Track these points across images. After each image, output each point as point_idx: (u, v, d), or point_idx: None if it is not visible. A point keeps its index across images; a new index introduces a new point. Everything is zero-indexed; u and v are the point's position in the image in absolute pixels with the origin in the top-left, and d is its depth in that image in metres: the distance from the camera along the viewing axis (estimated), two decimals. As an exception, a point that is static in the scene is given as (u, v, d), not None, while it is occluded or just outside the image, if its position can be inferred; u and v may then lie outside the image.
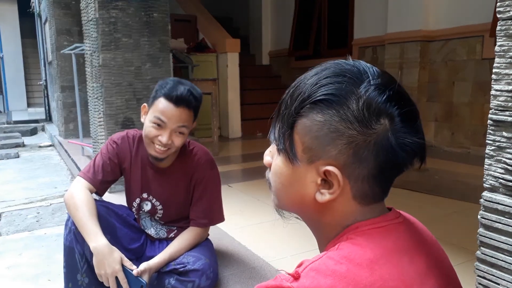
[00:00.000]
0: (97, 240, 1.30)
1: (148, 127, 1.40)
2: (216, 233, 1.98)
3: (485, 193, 0.72)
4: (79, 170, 3.71)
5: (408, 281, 0.51)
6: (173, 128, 1.38)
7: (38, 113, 10.41)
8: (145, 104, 1.47)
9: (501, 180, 0.69)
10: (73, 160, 4.34)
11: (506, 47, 0.67)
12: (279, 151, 0.58)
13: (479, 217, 0.73)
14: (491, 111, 0.70)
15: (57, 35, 5.74)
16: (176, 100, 1.36)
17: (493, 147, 0.70)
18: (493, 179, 0.70)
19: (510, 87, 0.67)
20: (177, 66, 4.38)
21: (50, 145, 6.40)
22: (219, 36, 5.54)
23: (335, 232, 0.56)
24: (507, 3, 0.67)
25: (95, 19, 2.69)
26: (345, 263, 0.49)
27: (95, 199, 1.45)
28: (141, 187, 1.56)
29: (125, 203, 1.67)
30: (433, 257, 0.58)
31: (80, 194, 1.41)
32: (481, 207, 0.72)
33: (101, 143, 2.87)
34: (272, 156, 0.61)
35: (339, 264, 0.49)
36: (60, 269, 2.03)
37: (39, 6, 8.25)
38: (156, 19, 2.82)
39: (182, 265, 1.37)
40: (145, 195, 1.57)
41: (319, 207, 0.56)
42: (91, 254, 1.33)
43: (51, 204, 3.26)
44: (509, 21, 0.67)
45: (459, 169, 3.50)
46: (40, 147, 6.35)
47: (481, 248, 0.73)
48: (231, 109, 5.47)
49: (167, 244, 1.53)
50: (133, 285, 1.28)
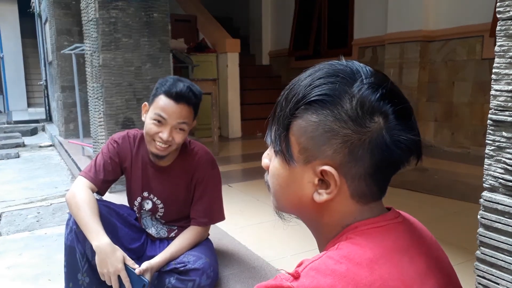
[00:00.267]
0: (99, 239, 1.31)
1: (148, 124, 1.42)
2: (216, 233, 1.98)
3: (485, 193, 0.72)
4: (80, 170, 3.71)
5: (408, 281, 0.51)
6: (173, 124, 1.39)
7: (38, 113, 10.42)
8: (145, 103, 1.49)
9: (501, 180, 0.69)
10: (73, 160, 4.34)
11: (506, 47, 0.67)
12: (276, 153, 0.58)
13: (479, 217, 0.73)
14: (491, 111, 0.70)
15: (57, 35, 5.74)
16: (176, 96, 1.38)
17: (493, 147, 0.70)
18: (493, 179, 0.70)
19: (510, 87, 0.67)
20: (177, 66, 4.38)
21: (50, 145, 6.41)
22: (219, 36, 5.54)
23: (335, 232, 0.56)
24: (507, 3, 0.67)
25: (95, 19, 2.69)
26: (345, 263, 0.49)
27: (96, 199, 1.46)
28: (142, 186, 1.56)
29: (125, 203, 1.68)
30: (433, 257, 0.58)
31: (82, 193, 1.42)
32: (481, 207, 0.73)
33: (101, 143, 2.87)
34: (270, 158, 0.61)
35: (339, 263, 0.49)
36: (60, 269, 2.03)
37: (39, 6, 8.25)
38: (156, 19, 2.82)
39: (182, 264, 1.38)
40: (146, 194, 1.57)
41: (317, 207, 0.56)
42: (92, 253, 1.33)
43: (51, 204, 3.26)
44: (509, 21, 0.67)
45: (459, 169, 3.50)
46: (40, 147, 6.35)
47: (481, 248, 0.73)
48: (231, 109, 5.48)
49: (168, 243, 1.53)
50: (136, 284, 1.28)
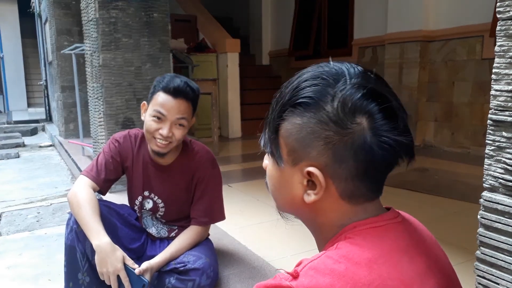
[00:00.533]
0: (100, 238, 1.31)
1: (148, 122, 1.42)
2: (216, 233, 1.98)
3: (485, 193, 0.72)
4: (80, 170, 3.72)
5: (407, 281, 0.51)
6: (172, 120, 1.40)
7: (38, 113, 10.42)
8: (144, 102, 1.50)
9: (501, 180, 0.69)
10: (73, 160, 4.34)
11: (506, 47, 0.67)
12: (268, 154, 0.60)
13: (479, 217, 0.73)
14: (491, 111, 0.70)
15: (57, 35, 5.74)
16: (174, 91, 1.40)
17: (493, 147, 0.70)
18: (493, 179, 0.70)
19: (510, 87, 0.67)
20: (177, 66, 4.38)
21: (50, 145, 6.41)
22: (219, 36, 5.54)
23: (332, 232, 0.56)
24: (507, 3, 0.67)
25: (95, 19, 2.69)
26: (344, 262, 0.49)
27: (98, 199, 1.46)
28: (143, 185, 1.57)
29: (125, 203, 1.68)
30: (432, 256, 0.58)
31: (83, 192, 1.42)
32: (481, 207, 0.73)
33: (101, 143, 2.87)
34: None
35: (338, 263, 0.49)
36: (60, 269, 2.03)
37: (39, 6, 8.25)
38: (156, 19, 2.82)
39: (182, 264, 1.38)
40: (147, 193, 1.58)
41: (310, 207, 0.57)
42: (93, 253, 1.33)
43: (51, 204, 3.26)
44: (509, 21, 0.67)
45: (459, 169, 3.50)
46: (40, 147, 6.35)
47: (481, 248, 0.73)
48: (231, 109, 5.48)
49: (168, 243, 1.53)
50: (135, 284, 1.28)
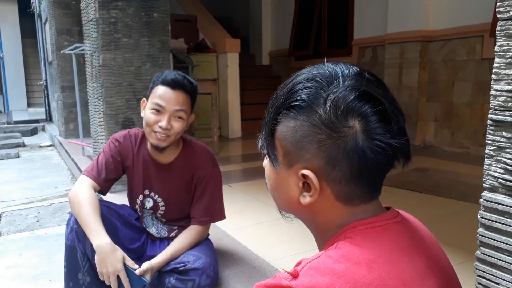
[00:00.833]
0: (100, 238, 1.31)
1: (147, 115, 1.43)
2: (216, 233, 1.98)
3: (485, 193, 0.72)
4: (80, 170, 3.71)
5: (407, 280, 0.51)
6: (171, 111, 1.41)
7: (38, 113, 10.42)
8: (144, 99, 1.51)
9: (501, 180, 0.69)
10: (73, 160, 4.34)
11: (506, 47, 0.67)
12: (265, 156, 0.60)
13: (479, 217, 0.73)
14: (491, 111, 0.70)
15: (57, 35, 5.74)
16: (172, 83, 1.42)
17: (493, 147, 0.70)
18: (493, 179, 0.70)
19: (510, 87, 0.67)
20: (177, 66, 4.38)
21: (50, 145, 6.41)
22: (219, 36, 5.54)
23: (331, 232, 0.56)
24: (507, 3, 0.67)
25: (95, 19, 2.69)
26: (344, 262, 0.49)
27: (98, 200, 1.46)
28: (143, 184, 1.57)
29: (125, 203, 1.68)
30: (432, 256, 0.58)
31: (84, 192, 1.43)
32: (481, 207, 0.73)
33: (101, 143, 2.87)
34: None
35: (338, 262, 0.49)
36: (60, 269, 2.03)
37: (39, 6, 8.25)
38: (156, 19, 2.82)
39: (182, 264, 1.38)
40: (147, 192, 1.58)
41: (307, 209, 0.57)
42: (93, 253, 1.33)
43: (51, 204, 3.26)
44: (509, 21, 0.67)
45: (459, 169, 3.50)
46: (40, 147, 6.35)
47: (481, 248, 0.73)
48: (231, 109, 5.48)
49: (168, 243, 1.53)
50: (135, 284, 1.28)
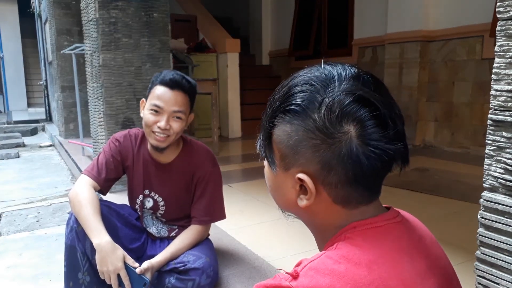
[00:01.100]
0: (100, 237, 1.31)
1: (146, 115, 1.43)
2: (216, 233, 1.98)
3: (485, 193, 0.72)
4: (80, 170, 3.71)
5: (407, 280, 0.51)
6: (170, 112, 1.41)
7: (38, 113, 10.42)
8: (143, 99, 1.51)
9: (501, 180, 0.69)
10: (73, 160, 4.34)
11: (506, 47, 0.67)
12: (263, 158, 0.60)
13: (479, 217, 0.73)
14: (491, 111, 0.70)
15: (57, 35, 5.74)
16: (170, 83, 1.42)
17: (493, 147, 0.70)
18: (493, 179, 0.70)
19: (510, 87, 0.67)
20: (177, 66, 4.38)
21: (50, 145, 6.40)
22: (219, 36, 5.54)
23: (330, 232, 0.56)
24: (507, 3, 0.67)
25: (95, 19, 2.69)
26: (344, 263, 0.49)
27: (99, 200, 1.46)
28: (143, 184, 1.57)
29: (125, 203, 1.68)
30: (432, 256, 0.58)
31: (84, 192, 1.43)
32: (481, 207, 0.73)
33: (101, 143, 2.87)
34: None
35: (338, 263, 0.49)
36: (60, 269, 2.03)
37: (39, 6, 8.25)
38: (156, 19, 2.82)
39: (182, 264, 1.38)
40: (147, 192, 1.58)
41: (305, 210, 0.57)
42: (93, 252, 1.33)
43: (51, 204, 3.26)
44: (509, 21, 0.67)
45: (459, 169, 3.50)
46: (40, 147, 6.35)
47: (481, 248, 0.73)
48: (231, 109, 5.47)
49: (168, 243, 1.53)
50: (136, 283, 1.28)
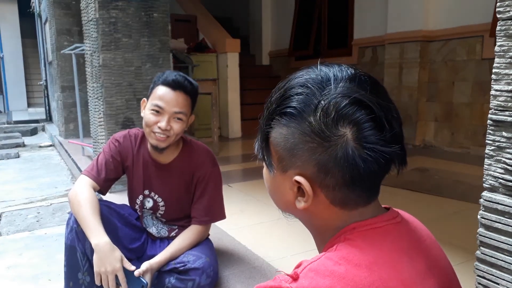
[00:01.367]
0: (99, 237, 1.31)
1: (147, 115, 1.43)
2: (216, 233, 1.98)
3: (485, 193, 0.72)
4: (80, 170, 3.71)
5: (407, 281, 0.51)
6: (171, 113, 1.41)
7: (38, 113, 10.42)
8: (144, 98, 1.51)
9: (501, 180, 0.69)
10: (73, 160, 4.34)
11: (506, 47, 0.67)
12: (261, 160, 0.60)
13: (479, 217, 0.73)
14: (491, 111, 0.70)
15: (57, 35, 5.74)
16: (172, 84, 1.41)
17: (493, 147, 0.70)
18: (493, 179, 0.70)
19: (510, 87, 0.67)
20: (177, 66, 4.38)
21: (50, 145, 6.40)
22: (219, 36, 5.54)
23: (329, 233, 0.56)
24: (507, 3, 0.67)
25: (95, 19, 2.69)
26: (344, 264, 0.49)
27: (99, 200, 1.46)
28: (143, 184, 1.57)
29: (125, 203, 1.68)
30: (432, 256, 0.58)
31: (84, 192, 1.43)
32: (481, 207, 0.73)
33: (101, 143, 2.87)
34: None
35: (338, 264, 0.49)
36: (60, 269, 2.03)
37: (39, 6, 8.25)
38: (156, 19, 2.82)
39: (182, 264, 1.38)
40: (147, 192, 1.58)
41: (304, 212, 0.57)
42: (92, 252, 1.33)
43: (51, 204, 3.26)
44: (509, 21, 0.67)
45: (459, 169, 3.50)
46: (40, 147, 6.35)
47: (481, 248, 0.73)
48: (231, 109, 5.47)
49: (168, 243, 1.53)
50: (134, 285, 1.28)
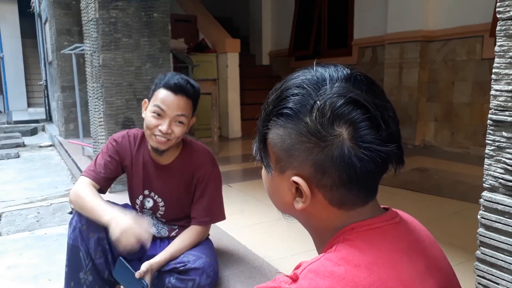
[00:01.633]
0: (109, 213, 1.32)
1: (148, 118, 1.43)
2: (216, 233, 1.98)
3: (485, 193, 0.72)
4: (80, 170, 3.71)
5: (407, 281, 0.51)
6: (172, 116, 1.41)
7: (38, 113, 10.42)
8: (145, 99, 1.51)
9: (501, 180, 0.69)
10: (73, 160, 4.34)
11: (506, 47, 0.67)
12: (259, 161, 0.60)
13: (479, 217, 0.73)
14: (490, 111, 0.70)
15: (57, 35, 5.74)
16: (174, 87, 1.40)
17: (492, 147, 0.70)
18: (493, 179, 0.70)
19: (509, 87, 0.67)
20: (177, 66, 4.38)
21: (50, 145, 6.41)
22: (219, 36, 5.54)
23: (328, 234, 0.56)
24: (507, 3, 0.67)
25: (95, 19, 2.69)
26: (343, 265, 0.49)
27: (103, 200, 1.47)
28: (143, 184, 1.57)
29: (126, 202, 1.68)
30: (432, 257, 0.58)
31: (85, 188, 1.44)
32: (481, 207, 0.73)
33: (101, 143, 2.87)
34: None
35: (337, 265, 0.49)
36: (60, 269, 2.03)
37: (39, 6, 8.25)
38: (156, 19, 2.82)
39: (182, 264, 1.38)
40: (147, 192, 1.58)
41: (302, 212, 0.57)
42: (96, 251, 1.36)
43: (51, 204, 3.26)
44: (509, 21, 0.67)
45: (459, 169, 3.50)
46: (40, 147, 6.35)
47: (481, 248, 0.73)
48: (231, 109, 5.47)
49: (168, 243, 1.53)
50: (134, 286, 1.28)
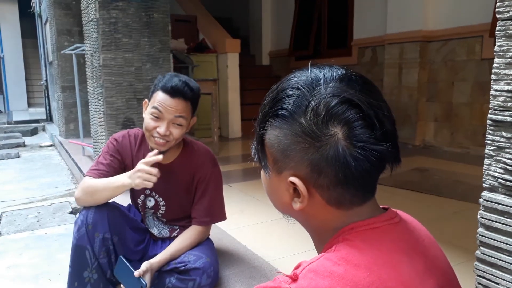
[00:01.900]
0: (122, 175, 1.42)
1: (147, 120, 1.44)
2: (216, 233, 1.98)
3: (485, 193, 0.72)
4: (80, 170, 3.71)
5: (407, 282, 0.51)
6: (170, 119, 1.41)
7: (38, 113, 10.42)
8: (146, 100, 1.52)
9: (501, 180, 0.69)
10: (73, 160, 4.34)
11: (505, 47, 0.68)
12: (258, 162, 0.61)
13: (479, 217, 0.73)
14: (490, 111, 0.70)
15: (57, 35, 5.74)
16: (171, 90, 1.41)
17: (492, 147, 0.70)
18: (492, 179, 0.71)
19: (509, 87, 0.67)
20: (177, 66, 4.38)
21: (50, 145, 6.41)
22: (219, 36, 5.54)
23: (327, 234, 0.56)
24: (506, 3, 0.67)
25: (95, 20, 2.69)
26: (343, 264, 0.49)
27: (109, 201, 1.49)
28: None
29: (127, 202, 1.69)
30: (431, 256, 0.58)
31: (90, 180, 1.47)
32: (481, 207, 0.73)
33: (101, 143, 2.87)
34: None
35: (337, 265, 0.49)
36: (60, 269, 2.03)
37: (40, 6, 8.25)
38: (156, 19, 2.82)
39: (182, 264, 1.38)
40: (148, 191, 1.58)
41: (301, 213, 0.57)
42: (100, 252, 1.39)
43: (51, 204, 3.26)
44: (509, 21, 0.67)
45: (459, 169, 3.50)
46: (40, 147, 6.35)
47: (481, 248, 0.73)
48: (231, 109, 5.48)
49: (170, 243, 1.54)
50: (133, 286, 1.28)
